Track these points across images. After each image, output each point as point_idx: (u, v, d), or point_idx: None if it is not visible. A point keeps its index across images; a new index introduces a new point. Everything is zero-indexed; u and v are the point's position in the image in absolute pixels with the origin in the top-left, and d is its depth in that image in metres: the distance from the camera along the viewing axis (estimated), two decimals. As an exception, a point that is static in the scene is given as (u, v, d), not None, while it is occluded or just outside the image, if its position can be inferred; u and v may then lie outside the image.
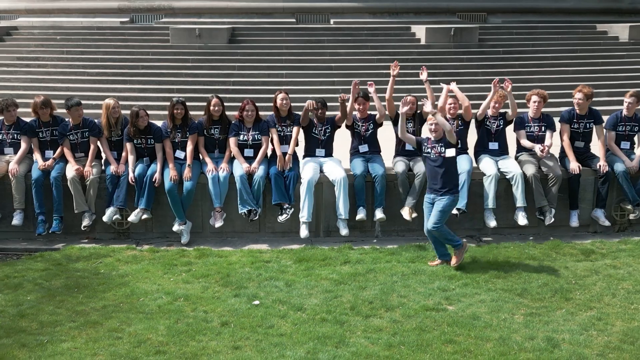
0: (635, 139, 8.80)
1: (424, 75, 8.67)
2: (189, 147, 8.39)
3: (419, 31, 17.38)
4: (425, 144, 7.33)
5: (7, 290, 6.88)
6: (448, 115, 8.45)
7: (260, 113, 8.64)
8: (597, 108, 9.61)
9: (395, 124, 8.37)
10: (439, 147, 7.20)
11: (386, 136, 9.03)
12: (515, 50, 17.38)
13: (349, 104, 8.46)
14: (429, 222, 7.31)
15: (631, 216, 8.58)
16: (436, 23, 19.79)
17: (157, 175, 8.17)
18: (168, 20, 20.05)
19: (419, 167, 8.31)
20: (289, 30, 18.15)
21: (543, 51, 17.42)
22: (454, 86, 8.61)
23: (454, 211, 8.06)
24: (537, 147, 8.30)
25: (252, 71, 15.73)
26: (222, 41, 16.70)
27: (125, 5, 20.71)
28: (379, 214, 8.31)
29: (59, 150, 8.50)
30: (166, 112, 8.68)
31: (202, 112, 8.69)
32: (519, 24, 20.19)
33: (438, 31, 17.10)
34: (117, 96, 14.02)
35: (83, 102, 9.15)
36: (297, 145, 8.59)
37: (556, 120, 8.78)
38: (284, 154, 8.37)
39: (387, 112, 8.61)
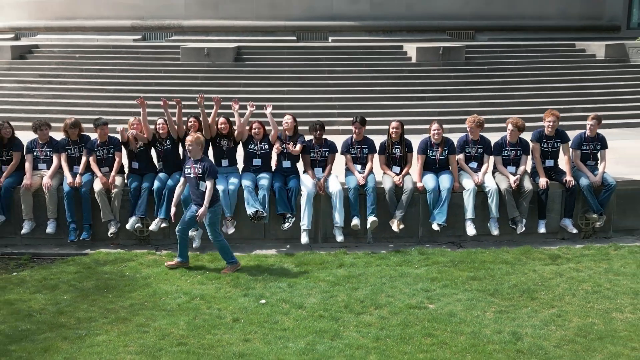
0: (599, 155, 9.48)
1: (268, 110, 9.09)
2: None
3: (410, 50, 17.65)
4: (187, 165, 7.92)
5: (46, 290, 7.50)
6: (433, 140, 9.07)
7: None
8: (573, 123, 10.17)
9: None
10: (196, 168, 7.77)
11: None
12: (499, 69, 17.60)
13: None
14: (210, 236, 8.00)
15: (597, 224, 9.24)
16: (428, 41, 19.98)
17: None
18: (178, 38, 20.38)
19: (407, 184, 8.96)
20: (290, 49, 18.38)
21: (525, 69, 17.65)
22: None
23: (435, 227, 8.76)
24: (511, 179, 8.97)
25: (256, 88, 15.90)
26: (229, 59, 16.96)
27: (137, 24, 21.12)
28: (371, 218, 8.85)
29: (83, 162, 9.00)
30: None
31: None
32: (504, 41, 20.27)
33: (428, 50, 17.33)
34: (132, 112, 14.77)
35: (101, 117, 9.85)
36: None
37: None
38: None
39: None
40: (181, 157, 9.14)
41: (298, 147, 8.90)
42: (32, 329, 6.50)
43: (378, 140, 9.53)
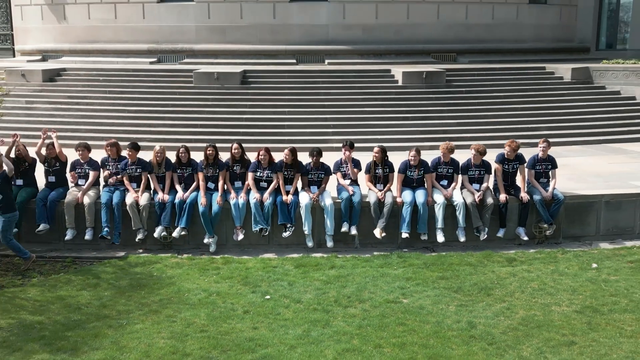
0: (550, 174, 10.59)
1: (54, 135, 10.15)
2: (220, 181, 10.06)
3: (397, 74, 18.47)
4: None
5: (89, 288, 8.58)
6: (411, 162, 10.21)
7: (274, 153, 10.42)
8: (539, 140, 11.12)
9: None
10: None
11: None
12: (476, 91, 18.37)
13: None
14: (3, 240, 8.98)
15: (547, 232, 10.38)
16: (413, 63, 20.88)
17: (202, 200, 9.83)
18: (190, 61, 21.30)
19: (388, 199, 10.07)
20: (290, 72, 19.14)
21: (499, 90, 18.46)
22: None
23: (423, 237, 9.90)
24: (476, 195, 10.09)
25: (260, 109, 16.72)
26: (236, 82, 17.74)
27: (153, 47, 22.04)
28: (353, 230, 10.02)
29: (123, 179, 10.13)
30: (193, 144, 10.43)
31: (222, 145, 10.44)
32: (482, 64, 21.12)
33: (413, 74, 18.15)
34: (151, 131, 15.77)
35: (124, 135, 10.99)
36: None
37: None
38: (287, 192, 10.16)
39: None
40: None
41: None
42: (82, 319, 7.62)
43: (366, 157, 10.62)
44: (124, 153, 10.29)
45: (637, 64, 20.15)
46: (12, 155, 9.84)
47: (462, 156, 10.79)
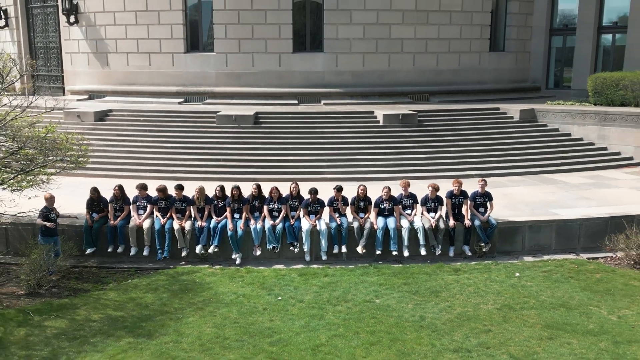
0: (487, 205, 12.67)
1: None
2: (244, 213, 12.08)
3: (379, 115, 20.06)
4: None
5: (151, 291, 10.61)
6: (384, 197, 12.35)
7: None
8: (491, 172, 12.99)
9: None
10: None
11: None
12: (442, 129, 19.92)
13: None
14: None
15: (485, 249, 12.46)
16: (394, 103, 22.55)
17: (230, 226, 11.82)
18: (211, 101, 23.07)
19: (367, 224, 12.15)
20: (293, 114, 20.67)
21: (461, 128, 20.05)
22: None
23: (394, 253, 11.84)
24: (432, 221, 12.11)
25: (270, 145, 18.31)
26: (250, 123, 19.42)
27: (181, 90, 23.80)
28: (343, 249, 12.18)
29: (170, 213, 12.13)
30: (217, 176, 12.75)
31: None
32: (450, 104, 22.76)
33: (391, 116, 19.76)
34: (183, 164, 17.45)
35: (162, 168, 13.33)
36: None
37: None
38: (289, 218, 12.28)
39: None
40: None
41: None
42: (150, 314, 9.73)
43: (352, 186, 12.77)
44: (172, 193, 12.34)
45: (574, 105, 22.09)
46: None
47: (426, 185, 12.82)
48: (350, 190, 12.87)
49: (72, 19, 25.36)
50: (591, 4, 26.23)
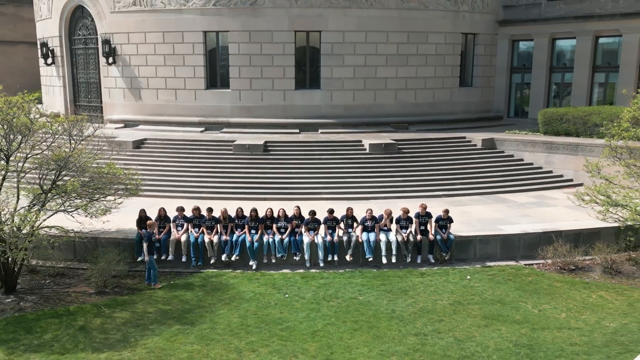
0: (447, 225, 14.65)
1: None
2: (259, 229, 13.95)
3: (366, 144, 21.49)
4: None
5: (189, 290, 12.44)
6: (367, 217, 14.37)
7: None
8: (455, 192, 14.79)
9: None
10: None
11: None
12: (417, 156, 21.43)
13: None
14: None
15: (445, 258, 14.36)
16: (379, 132, 24.10)
17: (248, 239, 13.72)
18: (227, 130, 24.64)
19: (353, 238, 14.17)
20: (295, 142, 22.10)
21: (433, 155, 21.59)
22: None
23: (370, 259, 13.88)
24: (404, 236, 13.99)
25: (277, 171, 19.72)
26: (260, 150, 21.01)
27: (202, 120, 25.44)
28: (335, 257, 14.15)
29: (201, 229, 14.05)
30: (233, 196, 14.72)
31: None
32: (426, 132, 24.32)
33: (376, 145, 21.23)
34: (206, 186, 18.95)
35: (190, 189, 15.49)
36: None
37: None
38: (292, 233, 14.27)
39: None
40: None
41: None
42: (190, 307, 11.67)
43: (343, 205, 14.69)
44: (204, 213, 14.35)
45: (527, 135, 23.81)
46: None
47: (405, 203, 14.65)
48: (340, 210, 14.83)
49: (110, 60, 27.23)
50: (544, 48, 28.30)
